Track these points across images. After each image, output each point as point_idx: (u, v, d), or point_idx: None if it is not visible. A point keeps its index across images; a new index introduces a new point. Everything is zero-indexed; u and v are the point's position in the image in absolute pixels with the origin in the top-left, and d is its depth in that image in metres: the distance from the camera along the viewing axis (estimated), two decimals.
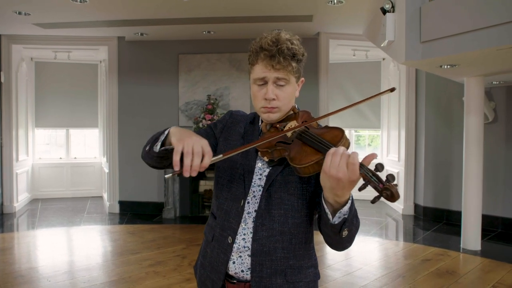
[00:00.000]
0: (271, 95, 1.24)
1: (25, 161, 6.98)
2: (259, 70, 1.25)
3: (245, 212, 1.29)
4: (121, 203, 6.46)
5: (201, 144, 1.10)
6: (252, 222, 1.28)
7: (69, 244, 5.02)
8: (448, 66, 3.88)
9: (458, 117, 5.60)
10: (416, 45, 3.54)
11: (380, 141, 7.49)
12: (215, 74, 6.21)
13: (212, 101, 6.01)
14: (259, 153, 1.29)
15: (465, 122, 4.70)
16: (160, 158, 1.29)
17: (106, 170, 6.73)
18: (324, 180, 1.06)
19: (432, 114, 6.09)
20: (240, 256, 1.29)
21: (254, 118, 1.41)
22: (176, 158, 1.07)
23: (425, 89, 6.10)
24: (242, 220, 1.29)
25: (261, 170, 1.31)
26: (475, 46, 3.10)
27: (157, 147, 1.26)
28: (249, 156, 1.33)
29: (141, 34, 5.95)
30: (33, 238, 5.12)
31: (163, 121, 6.27)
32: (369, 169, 1.01)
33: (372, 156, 1.04)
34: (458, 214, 5.18)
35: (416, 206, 6.35)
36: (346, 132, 6.05)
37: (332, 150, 1.05)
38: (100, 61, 7.51)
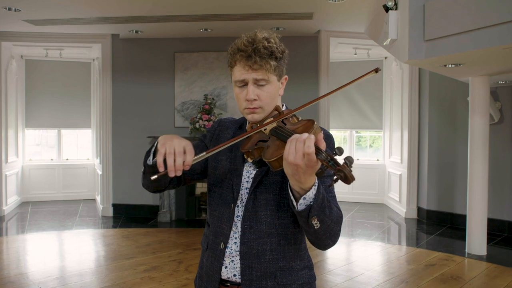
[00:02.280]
0: (251, 95, 1.27)
1: (14, 162, 6.97)
2: (238, 72, 1.29)
3: (235, 216, 1.33)
4: (115, 206, 6.45)
5: (183, 144, 1.18)
6: (241, 225, 1.33)
7: (60, 249, 5.01)
8: (453, 65, 3.89)
9: (463, 117, 5.62)
10: (419, 43, 3.55)
11: (382, 143, 7.50)
12: (213, 73, 6.21)
13: (209, 101, 6.01)
14: (244, 155, 1.33)
15: (470, 123, 4.71)
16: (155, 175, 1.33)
17: (99, 172, 6.71)
18: (285, 167, 1.10)
19: (435, 114, 6.11)
20: (232, 261, 1.33)
21: (242, 122, 1.46)
22: (159, 159, 1.16)
23: (429, 89, 6.12)
24: (233, 224, 1.33)
25: (248, 173, 1.35)
26: (481, 45, 3.11)
27: (151, 160, 1.31)
28: (236, 160, 1.37)
29: (136, 32, 5.94)
30: (23, 243, 5.10)
31: (159, 122, 6.28)
32: (327, 153, 1.04)
33: (320, 136, 1.08)
34: (463, 217, 5.19)
35: (419, 209, 6.36)
36: (347, 133, 6.03)
37: (292, 137, 1.09)
38: (93, 59, 7.50)
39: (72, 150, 7.96)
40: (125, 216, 6.39)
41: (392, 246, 5.10)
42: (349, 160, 1.00)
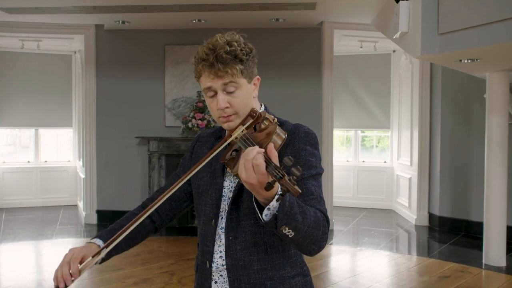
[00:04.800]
0: (222, 104, 1.33)
1: None
2: (204, 82, 1.34)
3: (218, 229, 1.39)
4: (99, 212, 6.43)
5: (71, 254, 1.33)
6: (225, 237, 1.38)
7: (38, 261, 4.99)
8: (469, 61, 3.91)
9: (479, 116, 5.65)
10: (433, 37, 3.56)
11: (390, 143, 7.53)
12: None
13: (202, 98, 6.01)
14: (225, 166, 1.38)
15: (486, 122, 4.74)
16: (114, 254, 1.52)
17: (82, 176, 6.69)
18: (243, 182, 1.13)
19: (449, 113, 6.14)
20: (221, 275, 1.38)
21: (221, 131, 1.50)
22: (54, 275, 1.32)
23: (441, 85, 6.15)
24: (217, 238, 1.39)
25: (232, 183, 1.40)
26: (501, 39, 3.12)
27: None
28: (216, 174, 1.43)
29: (123, 22, 5.92)
30: None
31: (148, 121, 6.26)
32: (276, 166, 1.07)
33: (270, 146, 1.13)
34: (479, 225, 5.22)
35: (431, 216, 6.39)
36: (351, 133, 6.03)
37: (243, 153, 1.13)
38: (75, 52, 7.48)
39: (51, 151, 7.92)
40: (111, 223, 6.33)
41: (402, 256, 5.12)
42: (295, 172, 1.04)
